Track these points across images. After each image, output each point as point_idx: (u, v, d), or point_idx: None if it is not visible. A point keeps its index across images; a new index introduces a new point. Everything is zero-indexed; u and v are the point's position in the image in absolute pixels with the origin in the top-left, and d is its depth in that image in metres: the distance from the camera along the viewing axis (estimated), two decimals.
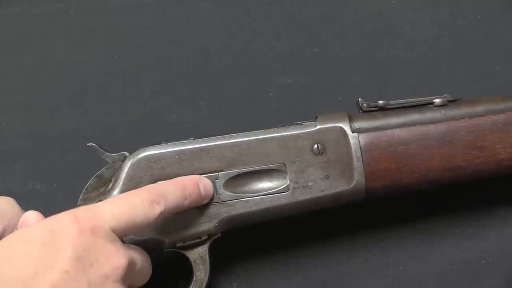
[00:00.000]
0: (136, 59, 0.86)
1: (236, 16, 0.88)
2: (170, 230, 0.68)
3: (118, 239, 0.58)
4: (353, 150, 0.69)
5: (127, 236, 0.62)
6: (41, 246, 0.54)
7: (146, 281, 0.64)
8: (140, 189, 0.63)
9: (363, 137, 0.69)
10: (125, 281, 0.57)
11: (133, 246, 0.63)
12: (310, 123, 0.70)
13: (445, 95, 0.73)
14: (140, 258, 0.61)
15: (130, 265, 0.58)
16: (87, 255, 0.54)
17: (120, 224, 0.58)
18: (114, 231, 0.57)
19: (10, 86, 0.85)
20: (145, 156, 0.68)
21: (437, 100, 0.72)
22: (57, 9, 0.87)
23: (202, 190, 0.67)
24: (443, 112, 0.71)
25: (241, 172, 0.69)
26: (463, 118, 0.70)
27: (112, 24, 0.87)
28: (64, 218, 0.56)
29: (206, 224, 0.69)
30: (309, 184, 0.69)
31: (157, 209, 0.61)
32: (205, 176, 0.68)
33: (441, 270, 0.78)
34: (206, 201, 0.68)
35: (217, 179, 0.69)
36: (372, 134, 0.70)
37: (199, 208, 0.68)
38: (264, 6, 0.88)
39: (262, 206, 0.69)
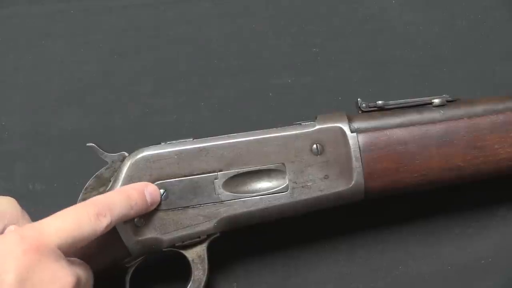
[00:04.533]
0: (136, 59, 0.86)
1: (236, 16, 0.88)
2: (169, 230, 0.68)
3: (64, 257, 0.57)
4: (352, 150, 0.69)
5: (73, 250, 0.59)
6: None
7: None
8: (86, 202, 0.62)
9: (362, 137, 0.69)
10: None
11: (78, 261, 0.61)
12: (309, 123, 0.70)
13: (444, 95, 0.73)
14: (84, 274, 0.60)
15: (77, 283, 0.57)
16: (31, 277, 0.53)
17: (66, 241, 0.57)
18: (60, 248, 0.56)
19: (10, 86, 0.85)
20: (144, 156, 0.68)
21: (436, 100, 0.72)
22: (57, 9, 0.87)
23: (148, 197, 0.67)
24: (442, 112, 0.71)
25: (240, 172, 0.69)
26: (462, 118, 0.70)
27: (112, 24, 0.87)
28: (9, 239, 0.55)
29: (205, 224, 0.69)
30: (308, 184, 0.69)
31: (104, 222, 0.60)
32: (204, 176, 0.69)
33: (441, 270, 0.78)
34: (153, 207, 0.68)
35: (216, 179, 0.69)
36: (371, 134, 0.70)
37: (198, 208, 0.68)
38: (264, 6, 0.88)
39: (261, 206, 0.69)
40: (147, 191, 0.67)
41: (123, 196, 0.64)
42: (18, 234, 0.55)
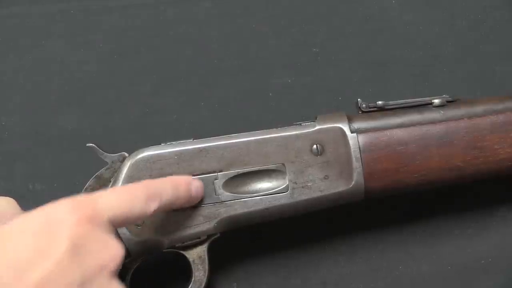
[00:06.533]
0: (136, 59, 0.86)
1: (236, 16, 0.88)
2: (169, 230, 0.68)
3: (114, 230, 0.57)
4: (352, 150, 0.69)
5: (120, 227, 0.62)
6: (36, 236, 0.52)
7: None
8: (139, 183, 0.63)
9: (362, 138, 0.69)
10: (116, 273, 0.56)
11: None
12: (309, 123, 0.70)
13: (444, 95, 0.73)
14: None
15: (123, 257, 0.57)
16: (84, 245, 0.53)
17: (117, 216, 0.57)
18: (110, 222, 0.57)
19: (10, 86, 0.85)
20: (144, 157, 0.68)
21: (436, 101, 0.72)
22: (57, 9, 0.87)
23: (193, 191, 0.67)
24: (442, 112, 0.71)
25: (240, 172, 0.69)
26: (462, 119, 0.70)
27: (112, 24, 0.87)
28: (63, 207, 0.55)
29: (206, 225, 0.69)
30: (308, 184, 0.69)
31: (152, 206, 0.60)
32: (204, 177, 0.69)
33: (441, 270, 0.78)
34: (195, 202, 0.68)
35: (216, 179, 0.69)
36: (371, 134, 0.70)
37: (198, 208, 0.69)
38: (264, 6, 0.88)
39: (261, 206, 0.69)
40: (193, 185, 0.67)
41: (172, 185, 0.64)
42: (72, 202, 0.55)
